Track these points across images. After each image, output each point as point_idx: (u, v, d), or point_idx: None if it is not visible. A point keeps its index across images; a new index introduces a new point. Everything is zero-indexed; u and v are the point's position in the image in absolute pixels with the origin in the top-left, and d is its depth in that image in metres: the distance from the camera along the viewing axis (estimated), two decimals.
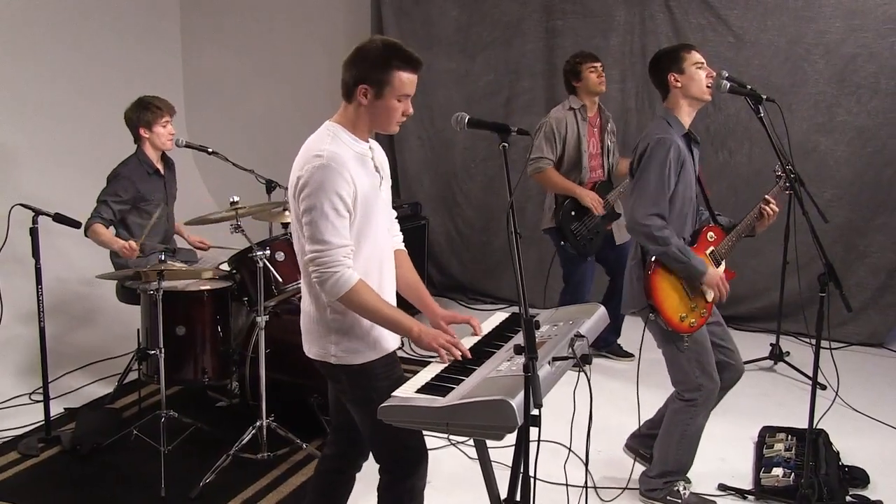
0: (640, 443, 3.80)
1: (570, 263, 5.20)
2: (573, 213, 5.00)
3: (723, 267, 3.49)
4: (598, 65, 5.03)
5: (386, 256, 2.70)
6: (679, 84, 3.35)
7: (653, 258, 3.31)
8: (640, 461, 3.75)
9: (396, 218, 2.88)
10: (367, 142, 2.64)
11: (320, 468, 2.96)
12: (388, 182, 2.74)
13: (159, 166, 4.65)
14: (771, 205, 3.49)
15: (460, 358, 2.51)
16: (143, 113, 4.54)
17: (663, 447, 3.51)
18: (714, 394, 3.45)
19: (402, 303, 2.85)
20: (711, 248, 3.44)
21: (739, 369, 3.61)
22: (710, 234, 3.45)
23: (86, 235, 4.43)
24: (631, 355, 5.34)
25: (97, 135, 6.12)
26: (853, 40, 5.56)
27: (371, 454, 2.79)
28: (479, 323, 2.81)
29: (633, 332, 5.60)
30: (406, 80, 2.51)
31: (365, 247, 2.57)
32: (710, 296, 3.39)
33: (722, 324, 3.59)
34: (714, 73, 3.38)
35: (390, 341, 2.67)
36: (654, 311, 3.31)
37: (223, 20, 7.42)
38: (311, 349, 2.69)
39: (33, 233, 4.11)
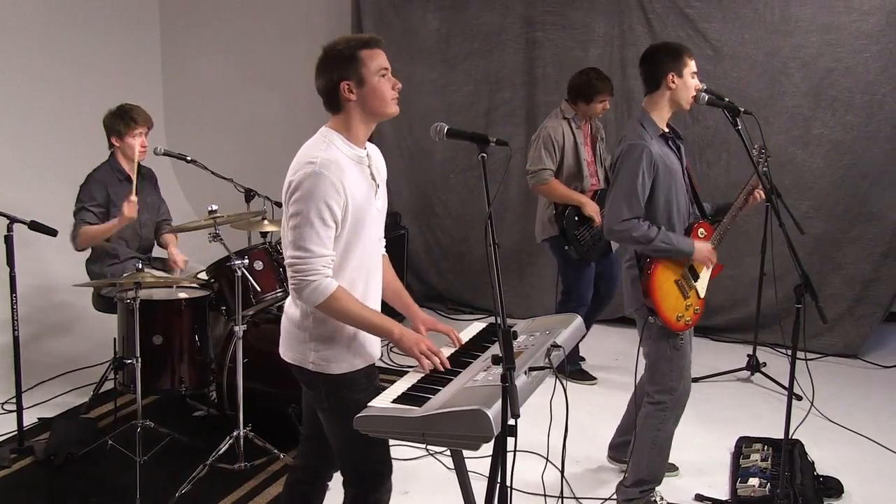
0: (620, 452, 3.82)
1: (573, 271, 5.07)
2: (577, 218, 4.92)
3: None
4: (609, 98, 4.98)
5: (374, 266, 2.68)
6: (674, 86, 3.35)
7: (648, 260, 3.34)
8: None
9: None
10: (364, 148, 2.62)
11: (290, 480, 2.94)
12: (384, 190, 2.72)
13: (132, 174, 4.61)
14: (757, 190, 3.50)
15: (440, 367, 2.51)
16: (116, 121, 4.50)
17: (636, 455, 3.52)
18: (684, 398, 3.48)
19: (387, 309, 2.85)
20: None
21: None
22: (701, 230, 3.47)
23: (77, 249, 4.38)
24: (594, 379, 5.25)
25: (75, 142, 6.08)
26: (829, 55, 5.62)
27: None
28: (458, 335, 2.81)
29: (601, 342, 5.64)
30: (375, 56, 2.52)
31: (353, 256, 2.55)
32: (702, 289, 3.42)
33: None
34: (700, 86, 3.41)
35: (371, 352, 2.65)
36: (653, 313, 3.32)
37: (203, 28, 7.41)
38: (287, 353, 2.66)
39: (7, 240, 4.08)
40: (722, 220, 3.52)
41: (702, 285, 3.48)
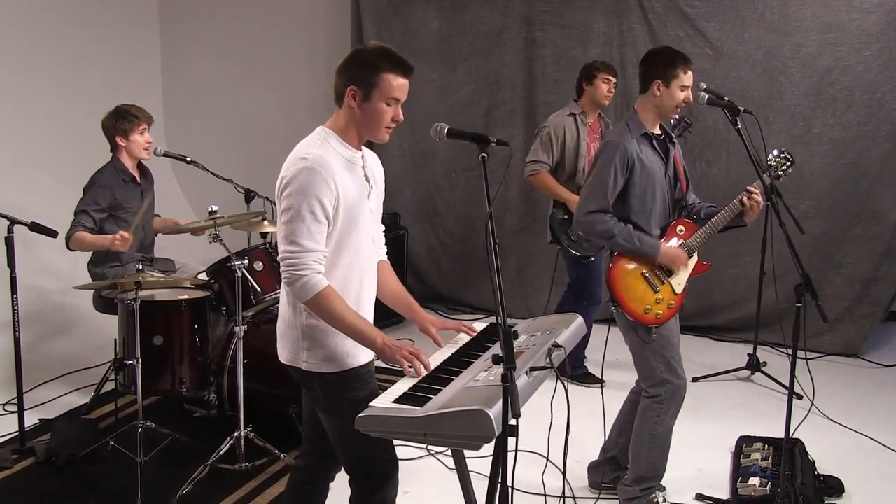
0: (597, 472, 3.79)
1: (581, 270, 5.04)
2: (565, 216, 4.91)
3: (695, 259, 3.52)
4: (614, 80, 5.02)
5: (368, 267, 2.68)
6: (658, 94, 3.38)
7: (613, 251, 3.42)
8: (606, 493, 3.74)
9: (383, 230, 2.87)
10: (360, 150, 2.62)
11: (293, 479, 2.94)
12: (379, 193, 2.73)
13: (135, 174, 4.63)
14: (754, 195, 3.47)
15: (422, 371, 2.49)
16: (120, 121, 4.51)
17: (636, 451, 3.52)
18: (680, 391, 3.46)
19: (390, 313, 2.86)
20: (681, 241, 3.48)
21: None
22: (680, 227, 3.49)
23: (69, 248, 4.38)
24: (602, 382, 5.01)
25: (75, 143, 6.07)
26: (829, 54, 5.63)
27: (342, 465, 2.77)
28: (470, 326, 2.86)
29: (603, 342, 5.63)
30: (394, 83, 2.50)
31: (345, 255, 2.56)
32: (678, 285, 3.42)
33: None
34: (690, 99, 3.42)
35: (363, 354, 2.64)
36: (615, 304, 3.41)
37: (202, 29, 7.40)
38: (283, 353, 2.67)
39: (8, 242, 4.08)
40: (710, 221, 3.50)
41: (678, 281, 3.47)
